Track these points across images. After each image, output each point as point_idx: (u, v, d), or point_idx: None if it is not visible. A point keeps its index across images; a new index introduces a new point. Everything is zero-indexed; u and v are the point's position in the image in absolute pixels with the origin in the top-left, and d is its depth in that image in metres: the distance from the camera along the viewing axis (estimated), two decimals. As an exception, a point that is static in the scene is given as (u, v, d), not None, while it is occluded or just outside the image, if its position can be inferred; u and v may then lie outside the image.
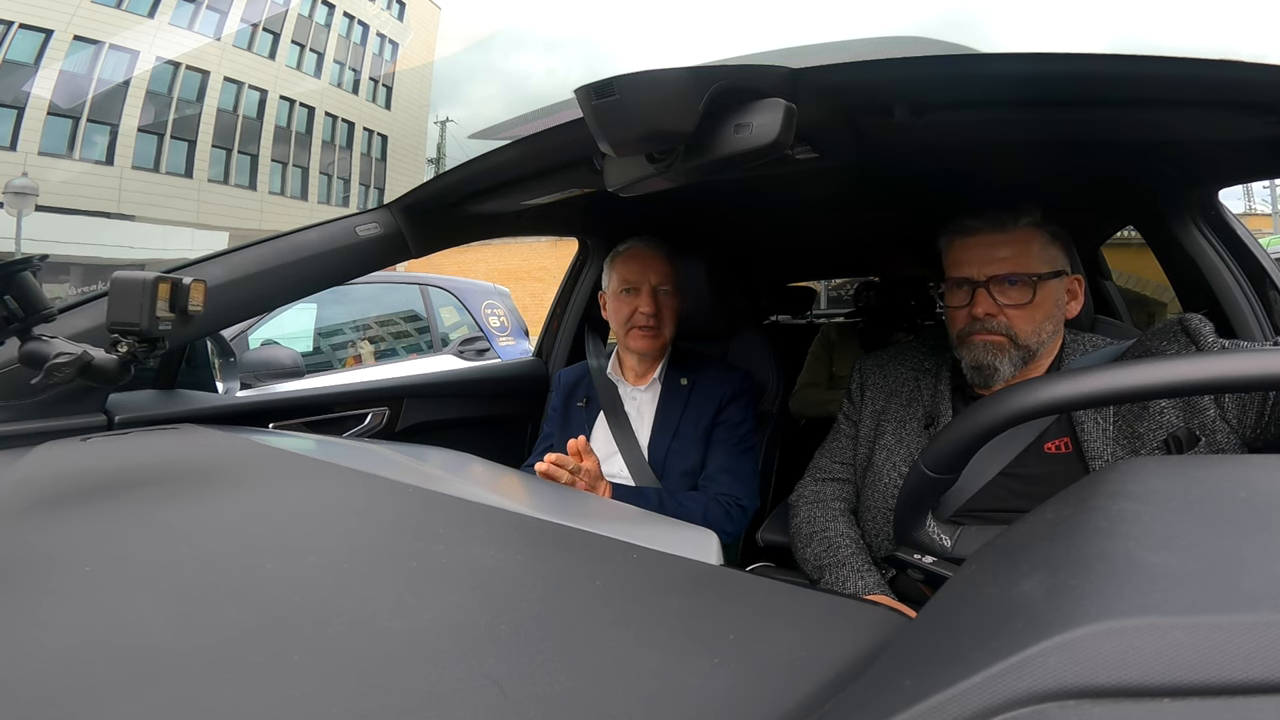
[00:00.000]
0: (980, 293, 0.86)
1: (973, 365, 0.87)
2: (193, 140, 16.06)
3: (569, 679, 0.30)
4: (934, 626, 0.26)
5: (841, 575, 0.89)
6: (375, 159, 20.19)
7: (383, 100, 20.50)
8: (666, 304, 1.22)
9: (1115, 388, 0.46)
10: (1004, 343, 0.85)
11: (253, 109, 17.20)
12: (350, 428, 1.32)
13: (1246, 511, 0.24)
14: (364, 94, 19.95)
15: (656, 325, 1.20)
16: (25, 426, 0.82)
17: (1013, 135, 0.89)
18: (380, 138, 20.43)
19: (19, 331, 0.67)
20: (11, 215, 9.71)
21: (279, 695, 0.29)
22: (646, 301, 1.19)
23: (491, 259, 14.62)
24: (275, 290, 1.04)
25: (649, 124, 0.62)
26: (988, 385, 0.88)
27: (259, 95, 17.30)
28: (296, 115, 18.16)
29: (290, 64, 17.92)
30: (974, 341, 0.87)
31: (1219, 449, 0.75)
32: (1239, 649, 0.17)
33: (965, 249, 0.89)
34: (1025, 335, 0.85)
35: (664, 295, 1.22)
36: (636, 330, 1.21)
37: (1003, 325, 0.85)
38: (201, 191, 16.06)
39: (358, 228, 1.11)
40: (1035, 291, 0.85)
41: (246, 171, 17.15)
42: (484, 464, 0.85)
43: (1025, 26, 53.35)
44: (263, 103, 17.36)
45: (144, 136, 15.24)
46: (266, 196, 17.32)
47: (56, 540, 0.45)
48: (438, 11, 22.42)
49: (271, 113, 17.54)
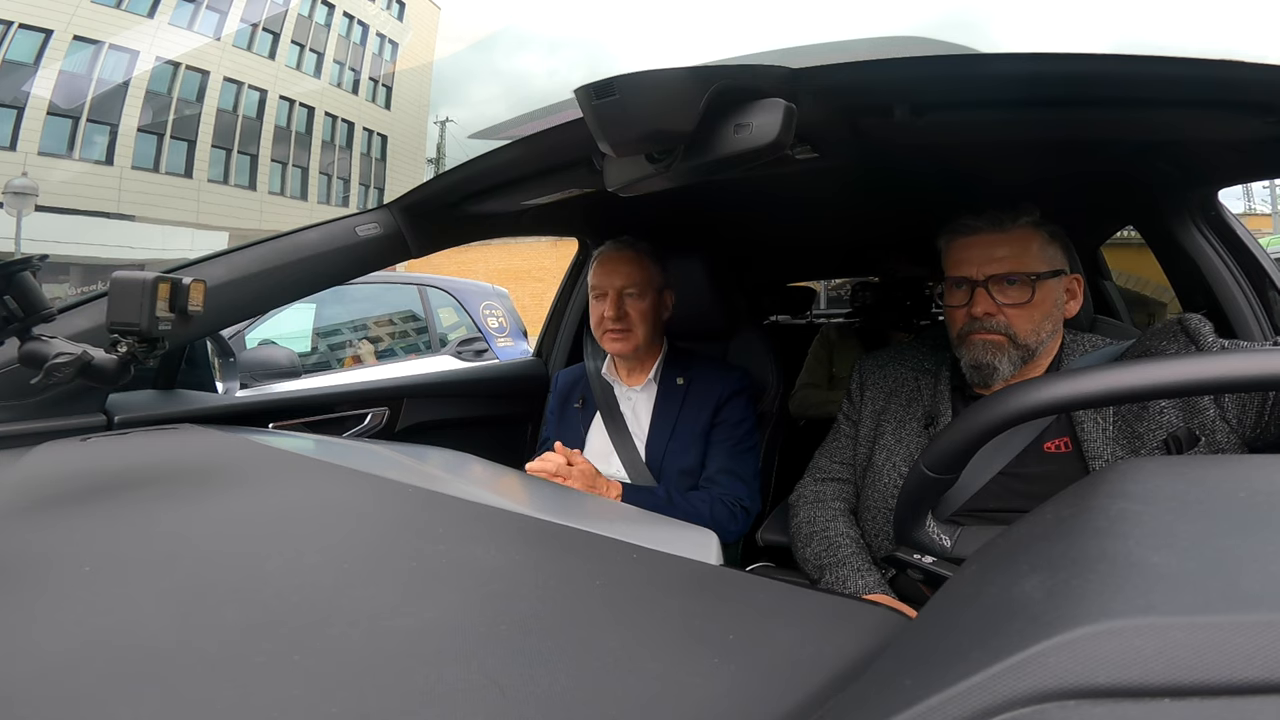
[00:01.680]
0: (979, 292, 0.86)
1: (972, 364, 0.87)
2: (192, 140, 16.07)
3: (569, 679, 0.30)
4: (934, 626, 0.26)
5: (841, 575, 0.89)
6: (375, 159, 20.21)
7: (382, 100, 20.53)
8: (633, 306, 1.21)
9: (1116, 388, 0.46)
10: (1003, 342, 0.85)
11: (253, 109, 17.23)
12: (350, 428, 1.32)
13: (1246, 511, 0.24)
14: (364, 94, 19.97)
15: (624, 328, 1.20)
16: (25, 426, 0.82)
17: (1013, 135, 0.89)
18: (380, 138, 20.46)
19: (19, 331, 0.67)
20: (11, 215, 9.75)
21: (279, 695, 0.29)
22: (610, 305, 1.19)
23: (492, 259, 14.65)
24: (275, 290, 1.04)
25: (649, 124, 0.62)
26: (987, 384, 0.88)
27: (259, 95, 17.32)
28: (296, 115, 18.18)
29: (290, 64, 17.94)
30: (973, 341, 0.87)
31: (1219, 449, 0.75)
32: (1239, 649, 0.17)
33: (965, 248, 0.89)
34: (1024, 334, 0.85)
35: (629, 298, 1.21)
36: (607, 334, 1.21)
37: (1001, 324, 0.85)
38: (201, 192, 16.07)
39: (358, 228, 1.11)
40: (1034, 291, 0.85)
41: (246, 171, 17.16)
42: (484, 464, 0.85)
43: (1025, 27, 53.37)
44: (262, 102, 17.38)
45: (144, 137, 15.26)
46: (266, 196, 17.33)
47: (56, 540, 0.45)
48: (437, 11, 22.48)
49: (271, 113, 17.54)
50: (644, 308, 1.22)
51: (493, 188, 1.10)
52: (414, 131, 20.95)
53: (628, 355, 1.24)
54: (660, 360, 1.26)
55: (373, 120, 20.15)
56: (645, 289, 1.22)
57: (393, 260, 1.19)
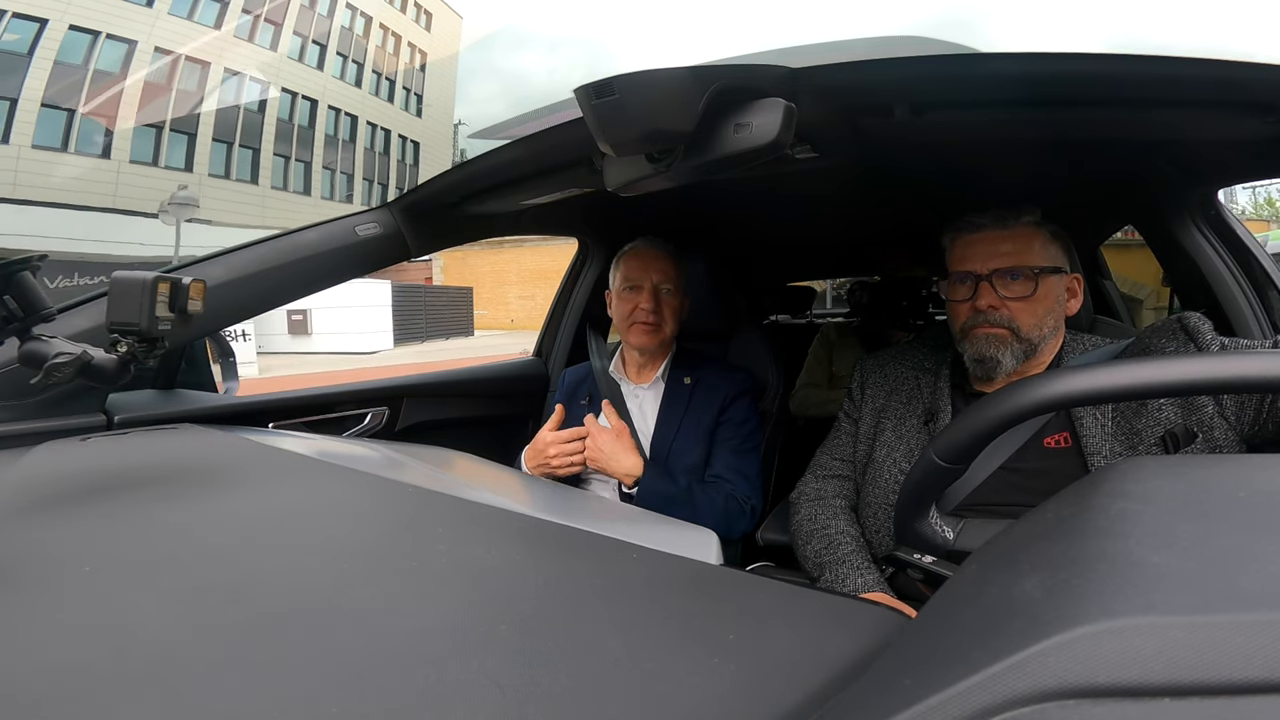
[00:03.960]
0: (983, 286, 0.87)
1: (975, 358, 0.89)
2: (257, 148, 16.76)
3: (569, 679, 0.30)
4: (934, 626, 0.26)
5: (841, 573, 0.89)
6: (409, 164, 20.97)
7: (414, 108, 21.32)
8: (667, 302, 1.24)
9: (1129, 383, 0.46)
10: (1006, 335, 0.86)
11: (305, 118, 18.05)
12: (350, 428, 1.32)
13: (1246, 511, 0.24)
14: (399, 102, 20.79)
15: (657, 321, 1.23)
16: (25, 426, 0.82)
17: (1013, 135, 0.89)
18: (413, 144, 21.27)
19: (18, 331, 0.67)
20: (170, 226, 10.61)
21: (279, 695, 0.29)
22: (647, 298, 1.22)
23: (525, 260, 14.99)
24: (275, 290, 1.04)
25: (649, 124, 0.62)
26: (990, 378, 0.89)
27: (309, 105, 18.14)
28: (342, 123, 19.12)
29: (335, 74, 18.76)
30: (976, 334, 0.88)
31: (1217, 446, 0.75)
32: (1239, 649, 0.17)
33: (969, 245, 0.90)
34: (1027, 328, 0.86)
35: (665, 294, 1.24)
36: (638, 325, 1.23)
37: (1005, 318, 0.86)
38: (265, 198, 16.76)
39: (357, 227, 1.11)
40: (1037, 285, 0.86)
41: (301, 177, 17.87)
42: (484, 464, 0.86)
43: (1025, 27, 53.35)
44: (313, 111, 18.19)
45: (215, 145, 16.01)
46: (319, 202, 18.06)
47: (56, 540, 0.45)
48: (460, 20, 23.00)
49: (322, 120, 18.39)
50: (675, 305, 1.25)
51: (493, 187, 1.10)
52: (442, 137, 21.75)
53: (649, 349, 1.26)
54: (669, 359, 1.28)
55: (406, 127, 20.96)
56: (677, 287, 1.26)
57: (392, 260, 1.19)
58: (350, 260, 1.11)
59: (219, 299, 0.93)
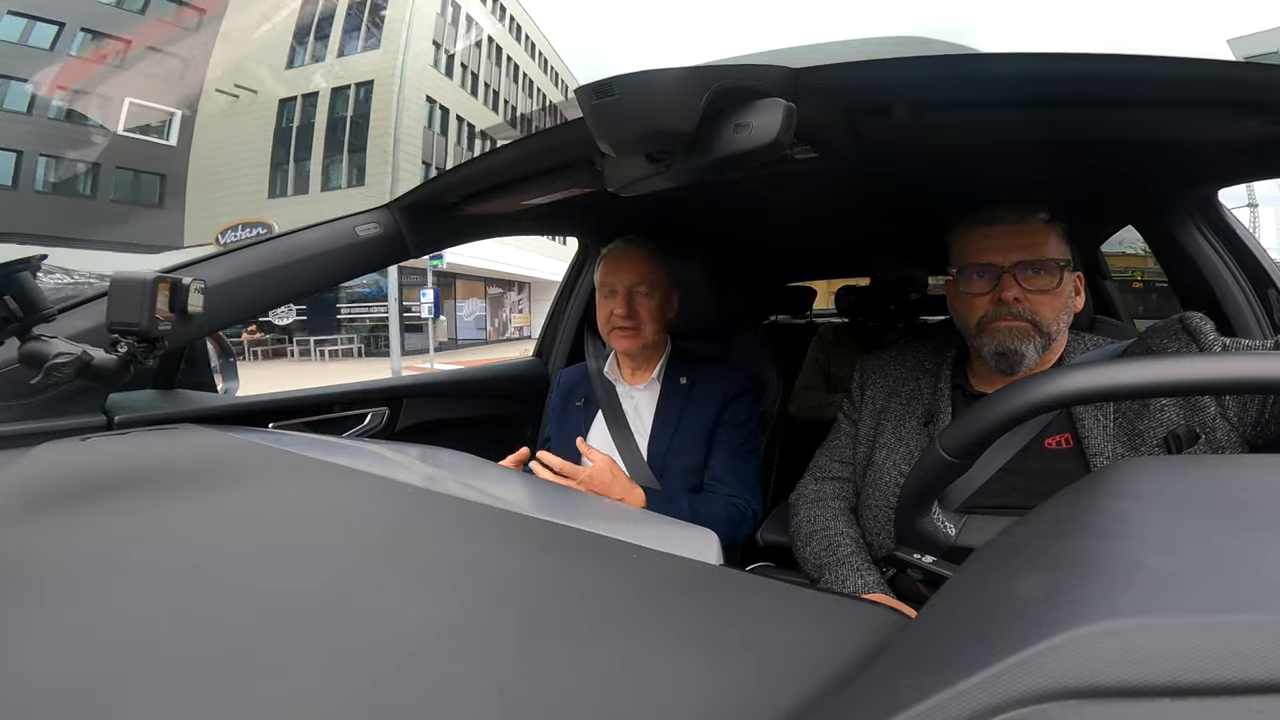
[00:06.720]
0: (1006, 278, 0.86)
1: (997, 352, 0.86)
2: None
3: (569, 679, 0.30)
4: (934, 626, 0.26)
5: (841, 574, 0.89)
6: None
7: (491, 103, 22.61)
8: (642, 304, 1.21)
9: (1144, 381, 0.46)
10: (1028, 328, 0.85)
11: (438, 125, 19.29)
12: (350, 428, 1.32)
13: (1246, 511, 0.24)
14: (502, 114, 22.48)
15: (633, 325, 1.21)
16: (25, 426, 0.82)
17: (1012, 135, 0.89)
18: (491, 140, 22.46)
19: (18, 331, 0.67)
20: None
21: (278, 695, 0.29)
22: (620, 303, 1.20)
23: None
24: (275, 290, 1.04)
25: (649, 124, 0.62)
26: (1012, 372, 0.88)
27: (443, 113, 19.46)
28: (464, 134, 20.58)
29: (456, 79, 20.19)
30: (997, 328, 0.86)
31: (1219, 447, 0.75)
32: (1238, 649, 0.17)
33: (987, 237, 0.89)
34: (1048, 321, 0.85)
35: (639, 296, 1.21)
36: (615, 330, 1.22)
37: (1027, 311, 0.85)
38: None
39: (357, 227, 1.11)
40: (1060, 278, 0.86)
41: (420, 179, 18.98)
42: (484, 464, 0.85)
43: (1025, 26, 53.33)
44: (445, 119, 19.45)
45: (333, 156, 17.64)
46: None
47: (57, 540, 0.45)
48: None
49: (452, 130, 19.67)
50: (653, 306, 1.22)
51: (493, 187, 1.10)
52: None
53: (634, 353, 1.24)
54: (664, 360, 1.27)
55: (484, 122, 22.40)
56: (654, 287, 1.23)
57: (393, 260, 1.19)
58: (350, 260, 1.11)
59: (219, 299, 0.92)
